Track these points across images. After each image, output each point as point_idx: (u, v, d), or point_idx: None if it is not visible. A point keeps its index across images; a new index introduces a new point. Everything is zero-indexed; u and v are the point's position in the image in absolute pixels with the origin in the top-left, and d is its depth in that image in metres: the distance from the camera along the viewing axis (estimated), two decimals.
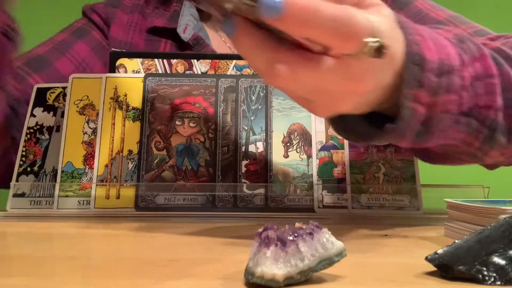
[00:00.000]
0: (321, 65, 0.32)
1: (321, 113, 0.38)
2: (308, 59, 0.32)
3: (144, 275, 0.31)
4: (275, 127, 0.59)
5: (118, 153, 0.58)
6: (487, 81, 0.41)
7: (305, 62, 0.31)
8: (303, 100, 0.37)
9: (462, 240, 0.30)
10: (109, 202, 0.56)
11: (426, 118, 0.39)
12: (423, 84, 0.37)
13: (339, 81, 0.33)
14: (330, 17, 0.29)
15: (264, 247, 0.27)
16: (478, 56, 0.42)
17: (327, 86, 0.33)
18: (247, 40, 0.31)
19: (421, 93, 0.37)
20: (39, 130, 0.60)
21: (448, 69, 0.39)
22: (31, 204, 0.56)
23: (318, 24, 0.29)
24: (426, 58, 0.38)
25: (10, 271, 0.32)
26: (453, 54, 0.40)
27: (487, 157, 0.45)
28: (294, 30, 0.29)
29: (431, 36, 0.40)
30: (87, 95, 0.61)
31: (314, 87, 0.33)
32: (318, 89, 0.33)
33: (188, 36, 0.74)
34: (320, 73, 0.32)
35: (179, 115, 0.60)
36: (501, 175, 0.64)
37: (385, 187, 0.57)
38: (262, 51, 0.31)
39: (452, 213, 0.45)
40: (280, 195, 0.56)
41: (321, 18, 0.29)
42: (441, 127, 0.40)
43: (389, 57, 0.35)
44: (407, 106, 0.37)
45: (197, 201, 0.56)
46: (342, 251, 0.29)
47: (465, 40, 0.42)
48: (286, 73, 0.31)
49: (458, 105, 0.40)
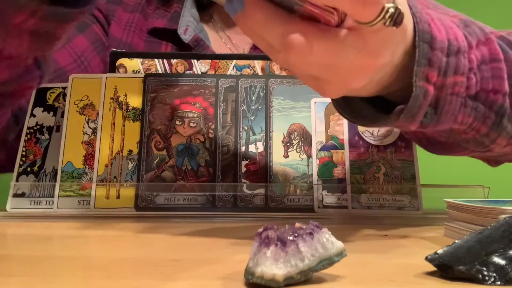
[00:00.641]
0: (337, 37, 0.31)
1: (332, 92, 0.36)
2: (324, 31, 0.30)
3: (144, 275, 0.31)
4: (275, 127, 0.59)
5: (118, 153, 0.58)
6: (494, 65, 0.41)
7: (321, 34, 0.30)
8: (313, 79, 0.35)
9: (462, 240, 0.30)
10: (109, 202, 0.56)
11: (435, 99, 0.38)
12: (433, 63, 0.37)
13: (355, 54, 0.32)
14: None
15: (264, 247, 0.27)
16: (484, 40, 0.41)
17: (342, 61, 0.32)
18: (259, 14, 0.30)
19: (431, 72, 0.37)
20: (39, 130, 0.60)
21: (456, 50, 0.38)
22: (31, 204, 0.56)
23: None
24: (436, 37, 0.37)
25: (10, 271, 0.32)
26: (460, 36, 0.39)
27: (494, 145, 0.44)
28: None
29: (438, 16, 0.39)
30: (87, 95, 0.61)
31: (328, 62, 0.32)
32: (332, 64, 0.32)
33: (189, 37, 0.74)
34: (337, 45, 0.31)
35: (179, 115, 0.60)
36: (501, 175, 0.64)
37: (385, 187, 0.57)
38: (275, 25, 0.30)
39: (452, 213, 0.45)
40: (280, 195, 0.56)
41: None
42: (449, 110, 0.39)
43: (402, 31, 0.34)
44: (418, 85, 0.37)
45: (197, 201, 0.56)
46: (342, 251, 0.29)
47: (471, 24, 0.42)
48: (302, 44, 0.30)
49: (466, 87, 0.39)
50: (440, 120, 0.40)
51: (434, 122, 0.40)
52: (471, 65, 0.39)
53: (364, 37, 0.32)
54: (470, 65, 0.39)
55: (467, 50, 0.39)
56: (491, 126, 0.42)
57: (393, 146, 0.58)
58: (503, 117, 0.42)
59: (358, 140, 0.59)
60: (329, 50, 0.31)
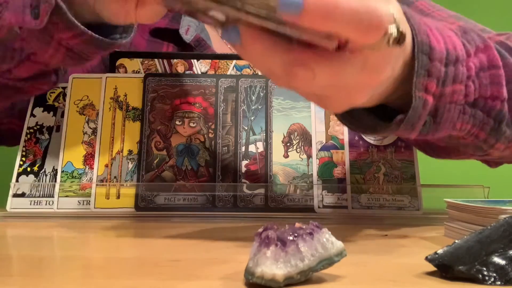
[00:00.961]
0: (339, 60, 0.31)
1: (336, 108, 0.37)
2: (325, 56, 0.31)
3: (144, 275, 0.30)
4: (275, 127, 0.59)
5: (118, 153, 0.58)
6: (493, 72, 0.41)
7: (322, 59, 0.30)
8: (316, 97, 0.36)
9: (462, 240, 0.30)
10: (109, 202, 0.56)
11: (434, 108, 0.39)
12: (432, 74, 0.37)
13: (357, 73, 0.32)
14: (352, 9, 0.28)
15: (264, 247, 0.27)
16: (483, 47, 0.42)
17: (344, 81, 0.32)
18: (258, 46, 0.30)
19: (430, 82, 0.37)
20: (39, 130, 0.60)
21: (455, 59, 0.39)
22: (31, 204, 0.56)
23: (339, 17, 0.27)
24: (435, 48, 0.37)
25: (10, 271, 0.32)
26: (458, 45, 0.40)
27: (492, 150, 0.45)
28: (315, 25, 0.28)
29: (436, 26, 0.39)
30: (87, 95, 0.61)
31: (331, 83, 0.32)
32: (335, 84, 0.32)
33: (190, 37, 0.74)
34: (339, 68, 0.31)
35: (179, 115, 0.60)
36: (501, 175, 0.64)
37: (385, 187, 0.57)
38: (275, 55, 0.30)
39: (452, 213, 0.45)
40: (280, 195, 0.56)
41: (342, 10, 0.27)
42: (447, 118, 0.40)
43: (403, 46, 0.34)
44: (418, 96, 0.37)
45: (197, 201, 0.56)
46: (342, 251, 0.29)
47: (469, 31, 0.42)
48: (305, 74, 0.30)
49: (465, 95, 0.40)
50: (439, 128, 0.40)
51: (433, 130, 0.40)
52: (469, 73, 0.40)
53: (365, 56, 0.32)
54: (469, 73, 0.40)
55: (466, 59, 0.40)
56: (490, 132, 0.42)
57: (393, 146, 0.58)
58: (501, 122, 0.42)
59: (358, 140, 0.59)
60: (332, 73, 0.31)
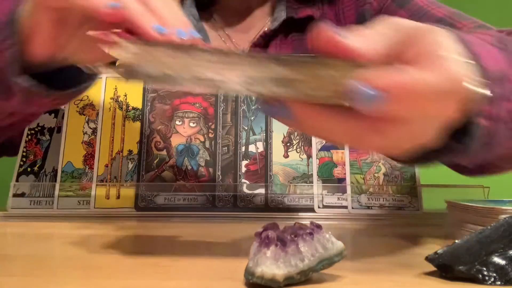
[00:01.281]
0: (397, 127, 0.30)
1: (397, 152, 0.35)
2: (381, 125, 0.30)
3: (144, 275, 0.31)
4: (275, 127, 0.59)
5: (118, 153, 0.58)
6: None
7: (380, 129, 0.30)
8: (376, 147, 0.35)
9: (462, 240, 0.30)
10: (109, 202, 0.56)
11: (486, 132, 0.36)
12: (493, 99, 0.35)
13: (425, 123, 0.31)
14: (434, 87, 0.27)
15: (264, 247, 0.27)
16: None
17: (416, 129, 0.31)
18: (315, 120, 0.30)
19: (486, 107, 0.35)
20: (40, 131, 0.60)
21: (501, 76, 0.36)
22: (31, 204, 0.56)
23: (421, 98, 0.27)
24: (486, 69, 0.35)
25: (10, 271, 0.32)
26: (500, 59, 0.38)
27: None
28: (398, 111, 0.28)
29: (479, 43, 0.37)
30: (87, 95, 0.61)
31: (403, 136, 0.31)
32: (406, 136, 0.32)
33: None
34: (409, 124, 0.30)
35: (179, 115, 0.60)
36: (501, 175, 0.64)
37: (385, 187, 0.57)
38: (338, 125, 0.30)
39: (452, 213, 0.45)
40: (280, 195, 0.56)
41: (422, 89, 0.27)
42: (499, 139, 0.37)
43: None
44: (476, 123, 0.35)
45: (197, 201, 0.56)
46: (342, 251, 0.29)
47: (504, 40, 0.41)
48: (380, 139, 0.30)
49: None
50: (490, 150, 0.38)
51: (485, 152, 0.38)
52: None
53: None
54: None
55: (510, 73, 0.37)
56: None
57: None
58: None
59: None
60: (403, 131, 0.30)
